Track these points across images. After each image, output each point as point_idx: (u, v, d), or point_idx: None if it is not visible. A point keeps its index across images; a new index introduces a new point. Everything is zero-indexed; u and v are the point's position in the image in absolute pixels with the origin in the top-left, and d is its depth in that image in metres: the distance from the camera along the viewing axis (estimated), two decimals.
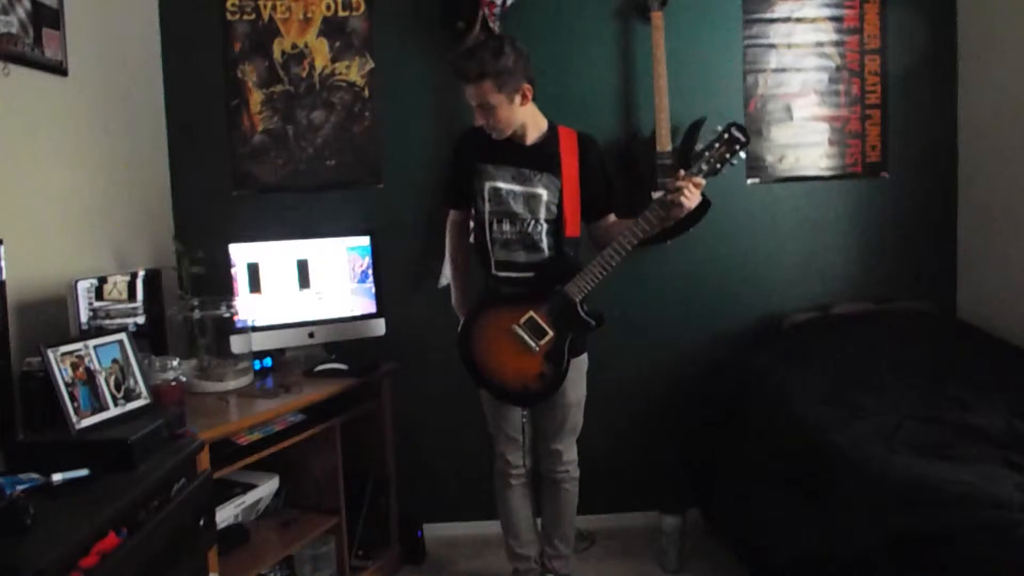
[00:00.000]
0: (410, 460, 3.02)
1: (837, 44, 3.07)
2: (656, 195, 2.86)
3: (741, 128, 2.10)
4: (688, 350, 3.12)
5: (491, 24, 2.84)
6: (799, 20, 3.06)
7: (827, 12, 3.06)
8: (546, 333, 2.23)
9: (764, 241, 3.11)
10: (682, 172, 2.12)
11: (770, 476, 2.43)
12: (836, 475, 2.07)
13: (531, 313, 2.24)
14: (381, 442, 2.81)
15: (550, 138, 2.32)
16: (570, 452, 2.46)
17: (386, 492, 2.82)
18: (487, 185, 2.30)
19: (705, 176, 2.11)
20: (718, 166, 2.12)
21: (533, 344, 2.23)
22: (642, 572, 2.81)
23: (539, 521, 2.61)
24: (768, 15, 3.05)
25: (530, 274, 2.30)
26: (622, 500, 3.15)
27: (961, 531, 1.67)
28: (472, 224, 2.45)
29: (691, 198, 2.09)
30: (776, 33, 3.05)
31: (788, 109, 3.08)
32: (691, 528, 2.88)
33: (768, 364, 2.77)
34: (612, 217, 2.38)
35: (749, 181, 3.10)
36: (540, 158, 2.29)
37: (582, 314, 2.24)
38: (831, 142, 3.10)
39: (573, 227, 2.30)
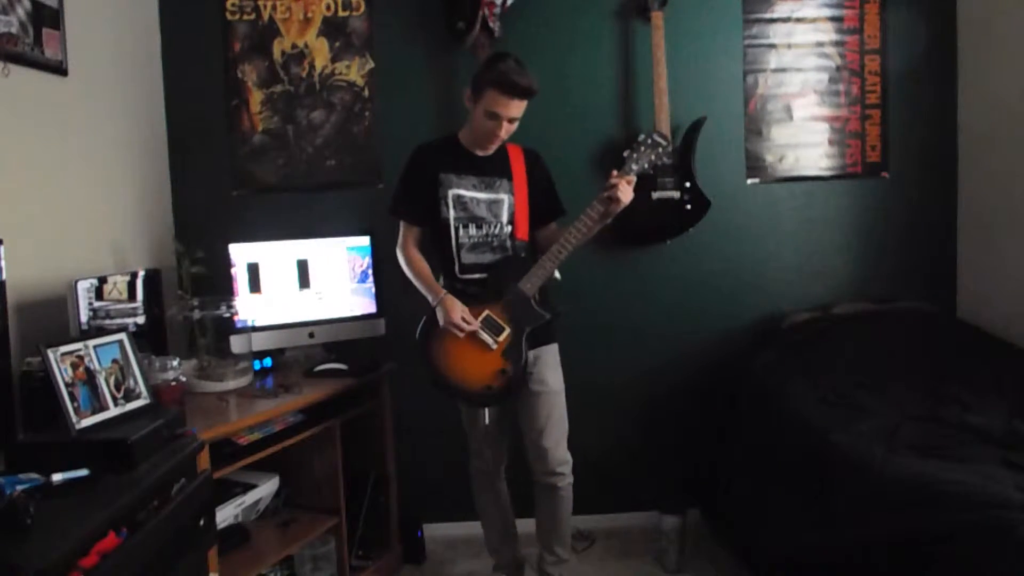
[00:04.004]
0: (410, 460, 3.02)
1: (837, 44, 3.07)
2: (656, 195, 2.90)
3: (661, 134, 2.30)
4: (688, 350, 3.12)
5: (491, 24, 2.84)
6: (799, 20, 3.06)
7: (827, 12, 3.06)
8: (503, 329, 2.30)
9: (764, 241, 3.11)
10: (615, 172, 2.25)
11: (770, 476, 2.43)
12: (836, 475, 2.07)
13: (487, 312, 2.31)
14: (381, 442, 2.81)
15: (501, 150, 2.42)
16: (560, 449, 2.42)
17: (386, 492, 2.83)
18: (451, 193, 2.37)
19: (635, 174, 2.27)
20: (645, 165, 2.28)
21: (491, 341, 2.29)
22: (642, 572, 2.81)
23: (524, 523, 2.59)
24: (768, 15, 3.05)
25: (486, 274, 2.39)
26: (622, 500, 3.15)
27: (961, 531, 1.67)
28: (431, 233, 2.44)
29: (625, 193, 2.22)
30: (776, 33, 3.06)
31: (788, 109, 3.08)
32: (691, 528, 2.88)
33: (768, 364, 2.77)
34: (553, 225, 2.49)
35: (749, 181, 3.10)
36: (496, 167, 2.41)
37: (536, 308, 2.31)
38: (831, 142, 3.10)
39: (523, 231, 2.42)
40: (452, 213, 2.37)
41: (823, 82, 3.08)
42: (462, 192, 2.37)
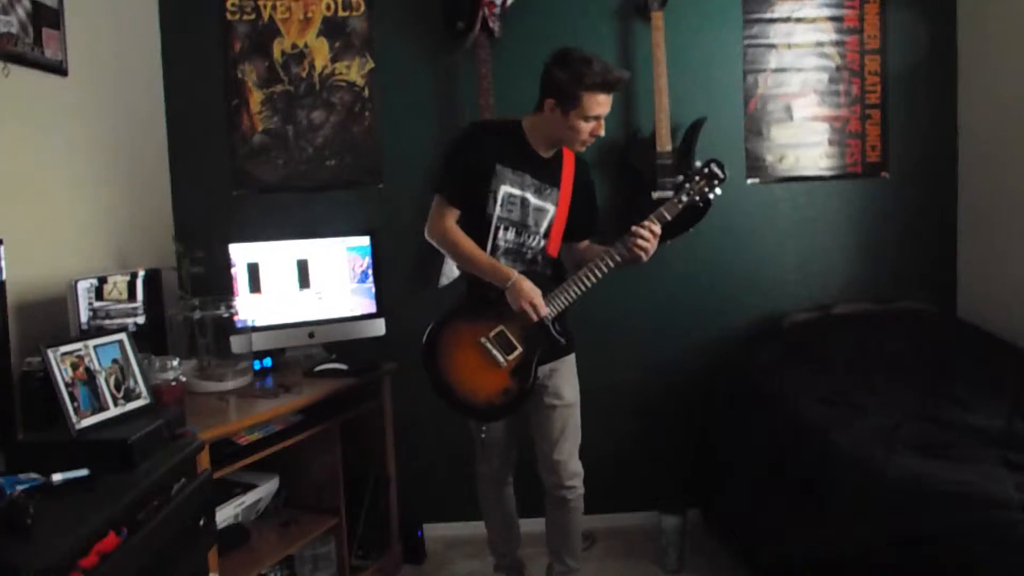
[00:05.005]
0: (410, 460, 3.02)
1: (837, 44, 3.07)
2: (656, 195, 2.89)
3: (720, 164, 2.18)
4: (688, 350, 3.12)
5: (491, 24, 2.85)
6: (799, 20, 3.06)
7: (827, 12, 3.06)
8: (515, 348, 2.19)
9: (764, 241, 3.11)
10: (640, 225, 2.14)
11: (770, 476, 2.43)
12: (836, 475, 2.07)
13: (502, 327, 2.19)
14: (381, 442, 2.81)
15: (558, 155, 2.29)
16: (573, 462, 2.35)
17: (386, 492, 2.83)
18: (503, 189, 2.21)
19: (684, 206, 2.18)
20: (696, 199, 2.19)
21: (501, 358, 2.18)
22: (642, 572, 2.81)
23: (525, 523, 2.60)
24: (768, 15, 3.05)
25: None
26: (622, 500, 3.15)
27: (961, 531, 1.67)
28: (466, 224, 2.28)
29: (647, 246, 2.13)
30: (776, 33, 3.06)
31: (788, 109, 3.08)
32: (691, 528, 2.88)
33: (768, 364, 2.77)
34: (586, 242, 2.39)
35: (749, 181, 3.10)
36: (551, 173, 2.27)
37: (554, 333, 2.21)
38: (831, 142, 3.10)
39: (554, 247, 2.30)
40: (497, 211, 2.22)
41: (823, 82, 3.08)
42: (514, 191, 2.22)
